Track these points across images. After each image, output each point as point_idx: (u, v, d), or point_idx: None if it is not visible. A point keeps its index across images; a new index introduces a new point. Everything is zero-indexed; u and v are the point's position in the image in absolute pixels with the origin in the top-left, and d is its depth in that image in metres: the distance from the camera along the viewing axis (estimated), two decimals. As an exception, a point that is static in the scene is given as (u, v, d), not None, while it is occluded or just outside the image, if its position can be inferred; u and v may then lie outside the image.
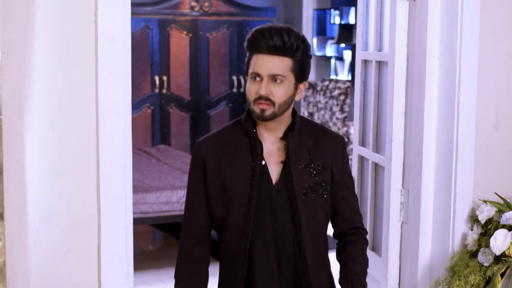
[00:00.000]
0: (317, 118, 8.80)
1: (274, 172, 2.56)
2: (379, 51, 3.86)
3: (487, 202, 3.38)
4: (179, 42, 8.97)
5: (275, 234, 2.56)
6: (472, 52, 3.34)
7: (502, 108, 3.48)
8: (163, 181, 6.46)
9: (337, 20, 9.23)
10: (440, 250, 3.48)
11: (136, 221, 6.10)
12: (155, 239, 7.36)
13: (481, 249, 3.28)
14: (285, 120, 2.57)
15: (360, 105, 4.06)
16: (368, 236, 2.76)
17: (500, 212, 3.33)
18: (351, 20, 9.02)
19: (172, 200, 6.16)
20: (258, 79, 2.47)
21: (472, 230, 3.41)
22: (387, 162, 3.70)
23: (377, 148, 3.96)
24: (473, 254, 3.34)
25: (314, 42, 9.37)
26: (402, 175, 3.67)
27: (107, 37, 2.76)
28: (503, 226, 3.26)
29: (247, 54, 2.53)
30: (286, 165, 2.56)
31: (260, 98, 2.46)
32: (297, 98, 2.57)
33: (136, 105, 8.70)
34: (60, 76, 2.80)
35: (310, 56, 2.55)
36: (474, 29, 3.33)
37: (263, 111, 2.47)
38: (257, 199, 2.53)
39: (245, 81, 2.18)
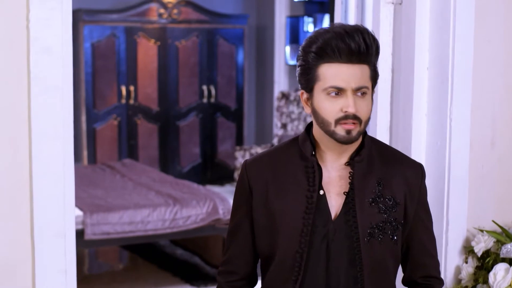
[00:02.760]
0: (290, 129, 8.60)
1: (334, 204, 2.19)
2: None
3: (484, 232, 3.04)
4: (147, 51, 8.85)
5: (328, 282, 2.17)
6: (466, 62, 3.04)
7: (499, 124, 3.17)
8: (127, 199, 6.23)
9: (310, 28, 9.07)
10: (431, 285, 3.13)
11: (97, 243, 5.91)
12: (120, 259, 7.10)
13: (478, 286, 2.96)
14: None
15: (339, 120, 3.69)
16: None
17: (499, 243, 3.00)
18: (326, 28, 8.78)
19: (136, 220, 5.94)
20: (337, 94, 2.09)
21: (466, 262, 3.08)
22: (370, 185, 3.34)
23: (359, 169, 3.58)
24: (469, 291, 3.01)
25: (287, 50, 9.20)
26: (387, 200, 3.30)
27: (42, 46, 2.33)
28: (503, 260, 2.93)
29: (307, 63, 2.11)
30: (349, 197, 2.18)
31: (346, 117, 2.09)
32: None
33: (102, 117, 8.61)
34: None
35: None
36: (468, 35, 3.03)
37: (349, 131, 2.10)
38: (310, 237, 2.16)
39: (217, 90, 1.85)
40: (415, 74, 3.12)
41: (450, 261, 3.10)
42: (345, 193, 2.19)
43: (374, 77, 2.19)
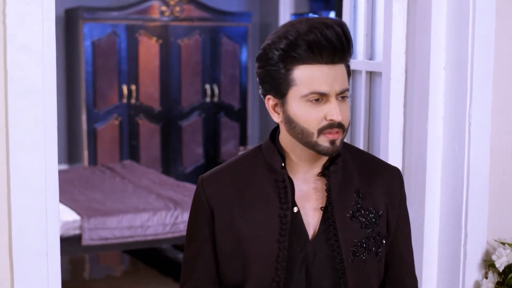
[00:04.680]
0: (295, 130, 8.44)
1: (311, 221, 1.94)
2: (370, 59, 3.37)
3: (506, 244, 2.85)
4: (149, 49, 8.80)
5: None
6: (486, 61, 2.85)
7: (522, 128, 2.99)
8: (126, 203, 6.10)
9: None
10: (448, 302, 2.98)
11: (95, 249, 5.78)
12: (121, 264, 6.99)
13: (500, 304, 2.75)
14: None
15: (347, 124, 3.52)
16: None
17: (522, 256, 2.80)
18: (331, 25, 8.72)
19: (136, 224, 5.83)
20: (317, 100, 1.85)
21: (486, 278, 2.89)
22: (381, 194, 3.17)
23: (370, 177, 3.40)
24: (490, 309, 2.82)
25: (291, 48, 9.09)
26: (400, 210, 3.12)
27: (19, 43, 2.10)
28: (527, 276, 2.73)
29: (275, 65, 1.84)
30: (327, 212, 1.93)
31: (331, 126, 1.85)
32: None
33: (102, 117, 8.59)
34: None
35: None
36: (488, 32, 2.84)
37: (333, 142, 1.86)
38: (287, 262, 1.91)
39: (220, 89, 1.65)
40: (431, 74, 2.94)
41: (469, 276, 2.93)
42: (322, 208, 1.95)
43: (349, 76, 1.94)
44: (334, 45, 1.80)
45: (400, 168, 3.09)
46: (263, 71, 1.88)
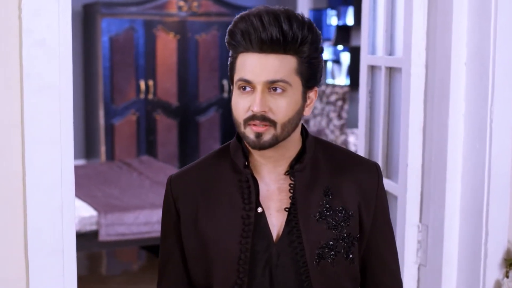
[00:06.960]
0: (312, 125, 8.40)
1: (276, 223, 1.87)
2: (390, 55, 3.31)
3: (528, 243, 2.81)
4: (166, 44, 8.84)
5: None
6: (508, 56, 2.80)
7: (544, 125, 2.91)
8: (143, 199, 6.10)
9: (334, 21, 9.10)
10: (468, 301, 2.94)
11: (112, 244, 5.76)
12: (137, 259, 6.98)
13: (522, 303, 2.71)
14: (292, 145, 1.88)
15: (366, 120, 3.49)
16: None
17: (545, 255, 2.76)
18: (349, 21, 8.87)
19: (153, 220, 5.84)
20: (248, 89, 1.79)
21: (507, 277, 2.85)
22: (401, 191, 3.16)
23: (389, 174, 3.37)
24: (511, 308, 2.77)
25: (309, 44, 9.10)
26: (419, 208, 3.12)
27: (35, 38, 2.07)
28: (550, 275, 2.69)
29: (230, 53, 1.83)
30: (291, 214, 1.87)
31: (253, 117, 1.77)
32: (306, 112, 1.86)
33: (120, 112, 8.56)
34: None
35: (321, 50, 1.86)
36: (511, 26, 2.79)
37: (259, 135, 1.78)
38: (250, 264, 1.86)
39: (230, 91, 1.64)
40: (452, 70, 2.90)
41: (490, 275, 2.89)
42: (287, 209, 1.88)
43: (308, 71, 1.84)
44: (259, 35, 1.76)
45: (419, 165, 3.07)
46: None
